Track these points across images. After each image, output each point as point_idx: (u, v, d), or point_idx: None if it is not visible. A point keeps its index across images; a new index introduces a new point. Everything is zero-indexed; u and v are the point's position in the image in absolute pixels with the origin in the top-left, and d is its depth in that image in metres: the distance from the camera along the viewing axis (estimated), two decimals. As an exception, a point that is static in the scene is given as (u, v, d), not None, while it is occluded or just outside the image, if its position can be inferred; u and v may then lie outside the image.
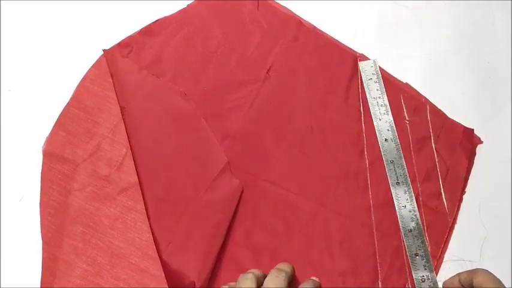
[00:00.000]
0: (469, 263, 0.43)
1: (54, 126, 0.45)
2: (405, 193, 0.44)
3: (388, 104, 0.47)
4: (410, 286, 0.42)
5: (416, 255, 0.42)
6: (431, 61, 0.50)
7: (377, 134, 0.46)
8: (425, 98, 0.48)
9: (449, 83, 0.50)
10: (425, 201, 0.45)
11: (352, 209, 0.44)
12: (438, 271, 0.43)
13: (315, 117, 0.47)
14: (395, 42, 0.51)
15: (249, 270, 0.39)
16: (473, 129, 0.48)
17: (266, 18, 0.50)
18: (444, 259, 0.44)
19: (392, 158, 0.45)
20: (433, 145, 0.47)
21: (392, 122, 0.46)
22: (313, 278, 0.41)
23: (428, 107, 0.48)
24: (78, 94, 0.46)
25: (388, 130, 0.46)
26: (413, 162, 0.46)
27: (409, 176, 0.45)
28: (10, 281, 0.41)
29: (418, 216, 0.43)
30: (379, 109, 0.46)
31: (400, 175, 0.44)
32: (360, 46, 0.50)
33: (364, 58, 0.49)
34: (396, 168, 0.44)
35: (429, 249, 0.43)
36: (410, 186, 0.44)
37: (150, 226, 0.42)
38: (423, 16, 0.52)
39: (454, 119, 0.48)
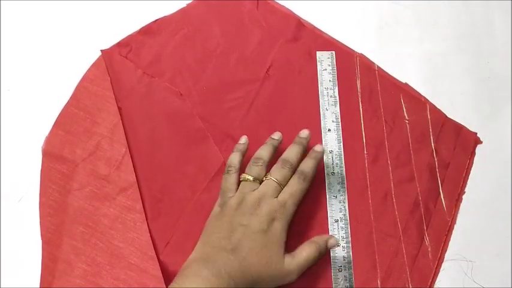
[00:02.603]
0: (469, 263, 0.43)
1: (53, 126, 0.45)
2: (338, 184, 0.44)
3: (337, 97, 0.47)
4: (410, 286, 0.42)
5: (338, 245, 0.42)
6: (430, 61, 0.50)
7: (321, 123, 0.46)
8: (424, 97, 0.48)
9: (448, 82, 0.50)
10: (424, 201, 0.45)
11: (351, 208, 0.44)
12: (438, 271, 0.43)
13: (314, 116, 0.47)
14: (395, 42, 0.51)
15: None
16: (468, 129, 0.48)
17: (266, 18, 0.50)
18: (444, 259, 0.43)
19: (332, 148, 0.45)
20: (433, 145, 0.47)
21: (339, 114, 0.47)
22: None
23: (428, 106, 0.48)
24: (77, 93, 0.46)
25: (332, 121, 0.46)
26: (413, 161, 0.46)
27: (408, 176, 0.45)
28: (10, 281, 0.41)
29: (347, 207, 0.44)
30: (328, 100, 0.47)
31: (337, 165, 0.45)
32: (359, 46, 0.50)
33: (364, 58, 0.49)
34: (334, 158, 0.45)
35: (429, 250, 0.43)
36: (345, 177, 0.45)
37: (148, 227, 0.42)
38: (423, 16, 0.52)
39: (453, 119, 0.48)
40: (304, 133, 0.43)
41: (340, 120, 0.47)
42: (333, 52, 0.49)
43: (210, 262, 0.36)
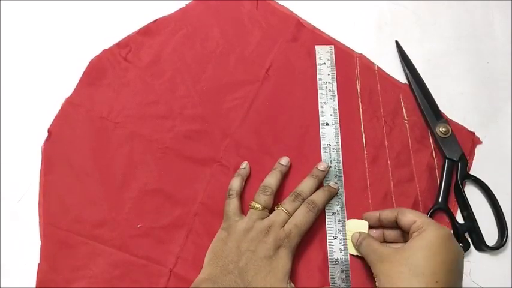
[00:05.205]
0: (468, 263, 0.43)
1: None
2: (335, 177, 0.44)
3: (336, 91, 0.47)
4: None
5: (335, 238, 0.43)
6: (430, 61, 0.50)
7: (320, 116, 0.47)
8: (424, 98, 0.48)
9: (448, 83, 0.50)
10: (424, 201, 0.45)
11: (352, 208, 0.44)
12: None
13: (313, 117, 0.47)
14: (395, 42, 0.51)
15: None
16: (467, 129, 0.48)
17: (265, 18, 0.50)
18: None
19: (329, 141, 0.46)
20: (432, 145, 0.47)
21: (337, 108, 0.47)
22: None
23: (427, 107, 0.48)
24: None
25: (331, 115, 0.46)
26: (412, 162, 0.46)
27: (408, 176, 0.45)
28: (10, 281, 0.41)
29: (344, 200, 0.44)
30: (327, 94, 0.47)
31: (334, 159, 0.45)
32: (359, 46, 0.50)
33: (364, 58, 0.49)
34: (331, 151, 0.45)
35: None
36: (342, 170, 0.45)
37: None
38: (423, 16, 0.52)
39: (453, 119, 0.48)
40: (322, 166, 0.44)
41: (338, 115, 0.47)
42: (332, 46, 0.49)
43: (218, 284, 0.37)
